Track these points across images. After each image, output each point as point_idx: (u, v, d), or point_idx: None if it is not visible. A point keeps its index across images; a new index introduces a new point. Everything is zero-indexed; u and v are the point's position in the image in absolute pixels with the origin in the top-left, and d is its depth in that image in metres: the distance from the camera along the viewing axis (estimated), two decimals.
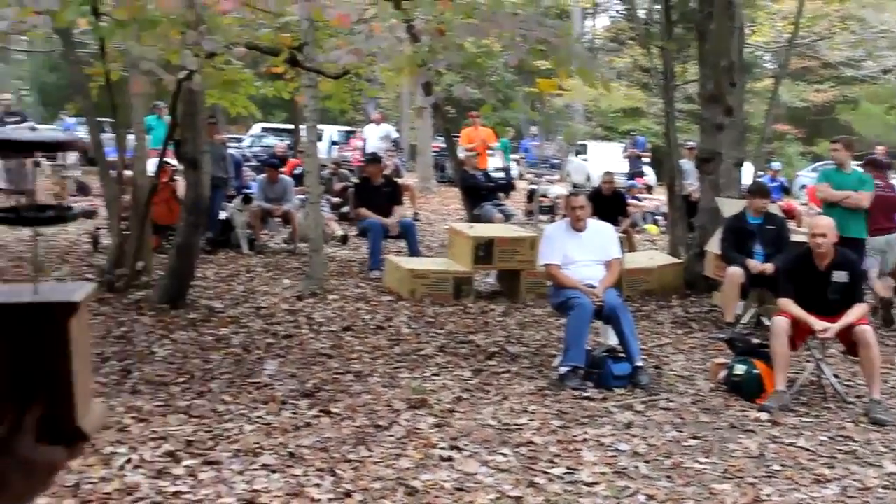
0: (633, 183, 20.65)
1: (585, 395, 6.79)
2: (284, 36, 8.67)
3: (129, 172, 10.51)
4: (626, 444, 5.79)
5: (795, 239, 9.18)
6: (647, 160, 25.57)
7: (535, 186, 19.35)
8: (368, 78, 9.98)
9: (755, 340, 7.70)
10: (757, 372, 6.95)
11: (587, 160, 28.66)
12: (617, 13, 39.49)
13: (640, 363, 7.17)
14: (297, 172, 15.96)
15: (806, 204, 19.01)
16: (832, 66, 28.69)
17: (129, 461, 5.16)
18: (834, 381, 7.06)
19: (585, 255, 7.64)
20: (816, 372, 7.14)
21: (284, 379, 6.90)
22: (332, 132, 28.56)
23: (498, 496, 4.89)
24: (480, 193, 14.30)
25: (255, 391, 6.57)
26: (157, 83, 8.34)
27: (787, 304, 6.97)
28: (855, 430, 6.30)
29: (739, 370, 7.02)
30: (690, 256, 11.25)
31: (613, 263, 7.74)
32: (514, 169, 25.72)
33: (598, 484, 5.12)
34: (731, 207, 9.91)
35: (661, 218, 17.86)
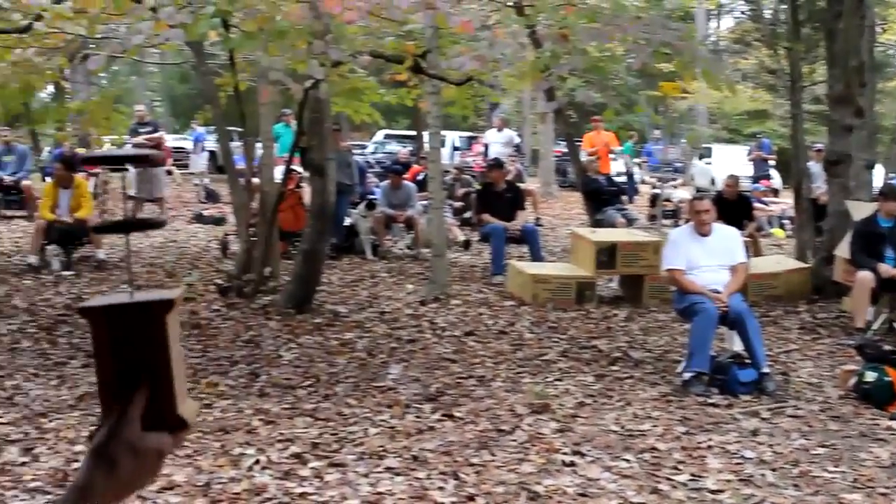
0: (757, 186, 20.27)
1: (710, 401, 6.70)
2: (408, 44, 8.76)
3: (256, 180, 10.74)
4: (751, 451, 5.70)
5: None
6: (772, 163, 25.05)
7: (658, 190, 19.16)
8: (490, 84, 9.99)
9: (886, 347, 7.51)
10: (888, 379, 6.76)
11: (711, 163, 28.24)
12: (742, 14, 38.75)
13: (766, 369, 7.04)
14: (419, 178, 16.09)
15: None
16: None
17: (257, 462, 5.28)
18: None
19: (710, 259, 7.55)
20: None
21: (408, 383, 6.97)
22: (454, 138, 28.71)
23: (621, 502, 4.87)
24: (603, 198, 14.23)
25: (379, 395, 6.65)
26: (284, 92, 8.51)
27: None
28: None
29: (870, 377, 6.85)
30: (818, 261, 11.00)
31: (739, 268, 7.62)
32: (636, 173, 25.46)
33: (722, 492, 5.05)
34: (861, 211, 9.67)
35: (787, 222, 17.50)
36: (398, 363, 7.54)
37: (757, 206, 15.44)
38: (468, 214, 15.37)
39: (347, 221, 13.54)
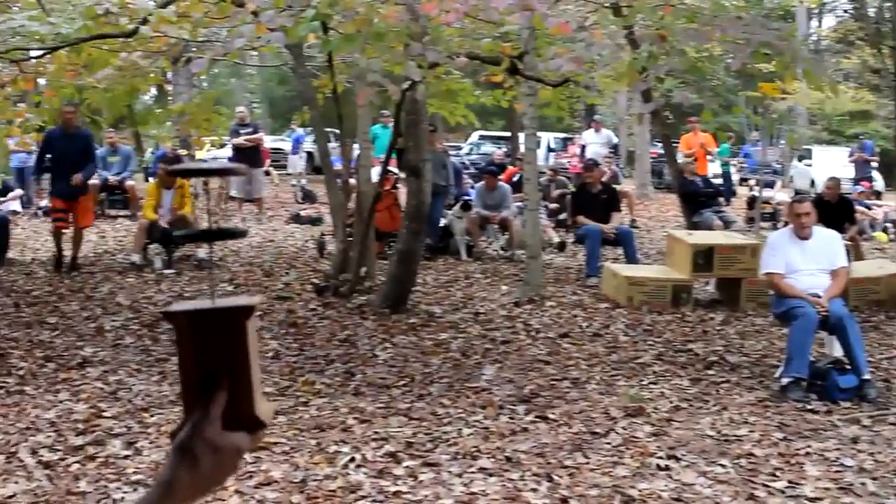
0: (858, 188, 19.86)
1: (809, 407, 6.58)
2: (505, 45, 8.78)
3: (353, 181, 10.85)
4: (851, 459, 5.58)
5: None
6: (875, 165, 24.49)
7: (756, 193, 18.87)
8: (586, 85, 9.97)
9: None
10: None
11: (811, 165, 27.71)
12: (845, 12, 37.99)
13: (867, 376, 6.89)
14: (514, 180, 16.10)
15: None
16: None
17: (352, 460, 5.34)
18: None
19: (810, 263, 7.42)
20: None
21: (502, 384, 6.98)
22: (549, 139, 28.64)
23: None
24: (699, 200, 14.07)
25: (473, 395, 6.67)
26: (381, 93, 8.59)
27: None
28: None
29: None
30: None
31: (839, 272, 7.48)
32: (734, 175, 25.12)
33: (821, 500, 4.96)
34: None
35: (889, 225, 17.12)
36: (492, 364, 7.56)
37: (858, 208, 15.13)
38: (563, 216, 15.32)
39: (442, 222, 13.60)
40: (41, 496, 4.78)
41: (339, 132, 13.23)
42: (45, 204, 15.82)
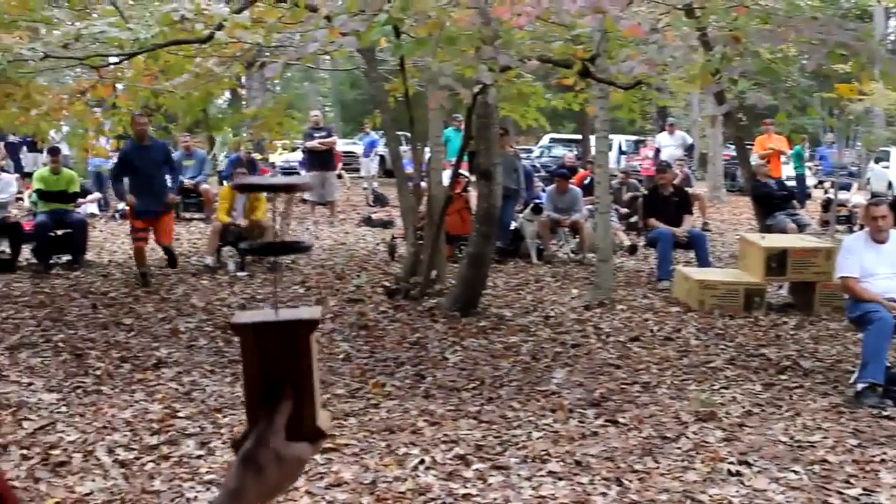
0: None
1: (884, 413, 6.47)
2: (577, 48, 8.76)
3: (424, 184, 10.89)
4: None
5: None
6: None
7: (831, 195, 18.59)
8: (658, 87, 9.89)
9: None
10: None
11: (888, 167, 27.23)
12: None
13: None
14: (586, 183, 16.04)
15: None
16: None
17: (422, 462, 5.36)
18: None
19: (886, 267, 7.30)
20: None
21: (572, 388, 6.97)
22: (620, 141, 28.50)
23: None
24: (773, 203, 13.89)
25: (542, 399, 6.67)
26: (452, 97, 8.62)
27: None
28: None
29: None
30: None
31: None
32: (809, 177, 24.77)
33: None
34: None
35: None
36: (562, 368, 7.55)
37: None
38: (634, 219, 15.24)
39: (513, 225, 13.60)
40: (117, 494, 4.87)
41: (410, 135, 13.29)
42: (121, 207, 16.09)
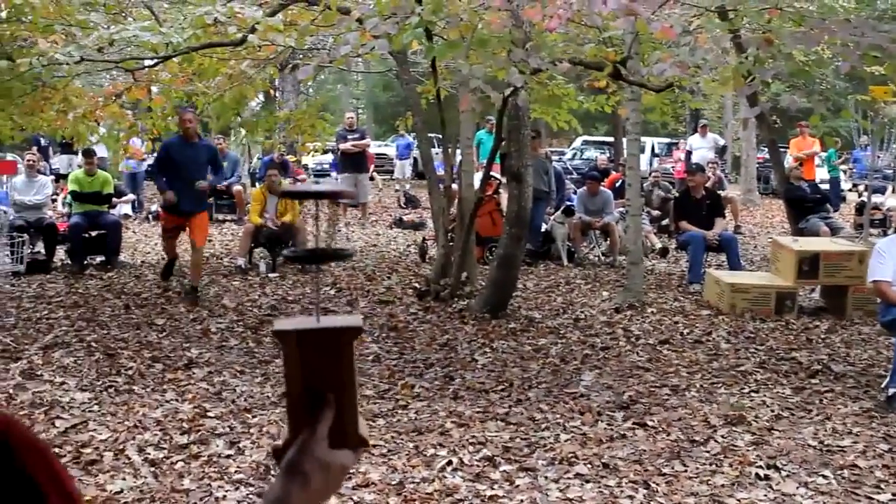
0: None
1: None
2: (608, 50, 8.75)
3: (455, 186, 10.91)
4: None
5: None
6: None
7: (865, 198, 18.46)
8: (691, 89, 9.88)
9: None
10: None
11: None
12: None
13: None
14: (617, 185, 16.01)
15: None
16: None
17: (449, 463, 5.38)
18: None
19: None
20: None
21: (601, 390, 6.96)
22: (653, 144, 28.41)
23: None
24: (806, 206, 13.82)
25: (571, 401, 6.67)
26: (484, 99, 8.64)
27: None
28: None
29: None
30: None
31: None
32: (843, 181, 24.59)
33: None
34: None
35: None
36: (591, 370, 7.54)
37: None
38: (666, 222, 15.20)
39: (544, 228, 13.60)
40: (147, 493, 4.92)
41: (441, 138, 13.32)
42: (154, 208, 16.21)
